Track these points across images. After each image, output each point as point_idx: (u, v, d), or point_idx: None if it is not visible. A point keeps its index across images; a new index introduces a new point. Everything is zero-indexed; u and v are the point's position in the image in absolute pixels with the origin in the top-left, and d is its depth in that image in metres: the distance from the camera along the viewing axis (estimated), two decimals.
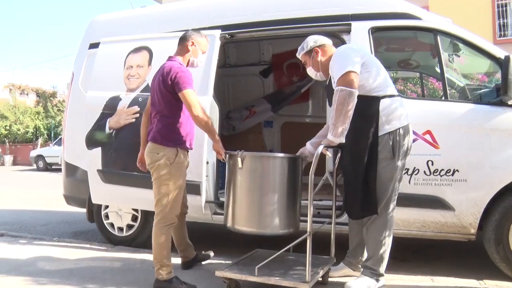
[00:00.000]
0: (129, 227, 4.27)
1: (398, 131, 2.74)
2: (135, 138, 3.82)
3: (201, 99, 3.67)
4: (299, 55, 3.05)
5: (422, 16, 3.46)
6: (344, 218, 3.36)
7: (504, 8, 14.01)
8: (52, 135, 25.75)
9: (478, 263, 3.58)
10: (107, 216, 4.35)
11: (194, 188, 3.61)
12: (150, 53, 4.00)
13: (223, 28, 3.87)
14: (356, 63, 2.66)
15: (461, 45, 3.60)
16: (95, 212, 4.41)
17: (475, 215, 3.16)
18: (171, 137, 3.01)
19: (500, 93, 3.13)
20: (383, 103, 2.73)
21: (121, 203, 4.19)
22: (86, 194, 4.31)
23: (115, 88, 4.07)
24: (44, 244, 4.33)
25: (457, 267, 3.54)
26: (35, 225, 5.83)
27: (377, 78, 2.75)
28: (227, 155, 2.99)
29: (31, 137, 26.28)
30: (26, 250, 4.04)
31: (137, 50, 4.07)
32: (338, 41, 3.76)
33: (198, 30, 3.33)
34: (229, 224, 2.96)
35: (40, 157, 20.16)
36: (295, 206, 2.93)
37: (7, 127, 26.08)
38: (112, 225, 4.33)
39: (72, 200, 4.75)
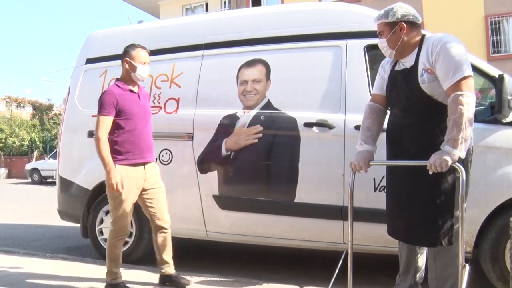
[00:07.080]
0: (124, 243, 4.22)
1: (472, 148, 2.58)
2: None
3: None
4: (379, 21, 2.52)
5: None
6: None
7: (498, 25, 14.22)
8: (48, 148, 25.66)
9: (475, 281, 3.55)
10: (101, 232, 4.31)
11: None
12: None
13: None
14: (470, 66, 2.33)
15: None
16: (89, 228, 4.37)
17: (471, 233, 3.15)
18: None
19: (494, 111, 3.15)
20: None
21: None
22: (80, 210, 4.28)
23: None
24: (37, 260, 4.27)
25: None
26: (29, 240, 5.78)
27: None
28: None
29: (27, 150, 26.18)
30: (19, 266, 3.99)
31: None
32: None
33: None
34: None
35: (35, 170, 20.08)
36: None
37: (3, 140, 25.99)
38: (106, 241, 4.28)
39: (66, 215, 4.70)
